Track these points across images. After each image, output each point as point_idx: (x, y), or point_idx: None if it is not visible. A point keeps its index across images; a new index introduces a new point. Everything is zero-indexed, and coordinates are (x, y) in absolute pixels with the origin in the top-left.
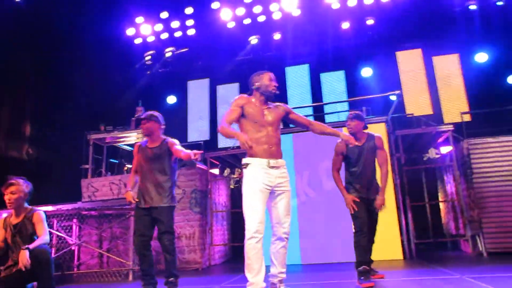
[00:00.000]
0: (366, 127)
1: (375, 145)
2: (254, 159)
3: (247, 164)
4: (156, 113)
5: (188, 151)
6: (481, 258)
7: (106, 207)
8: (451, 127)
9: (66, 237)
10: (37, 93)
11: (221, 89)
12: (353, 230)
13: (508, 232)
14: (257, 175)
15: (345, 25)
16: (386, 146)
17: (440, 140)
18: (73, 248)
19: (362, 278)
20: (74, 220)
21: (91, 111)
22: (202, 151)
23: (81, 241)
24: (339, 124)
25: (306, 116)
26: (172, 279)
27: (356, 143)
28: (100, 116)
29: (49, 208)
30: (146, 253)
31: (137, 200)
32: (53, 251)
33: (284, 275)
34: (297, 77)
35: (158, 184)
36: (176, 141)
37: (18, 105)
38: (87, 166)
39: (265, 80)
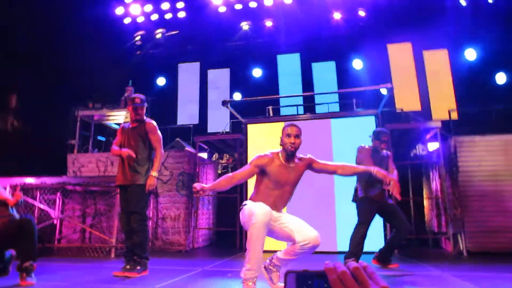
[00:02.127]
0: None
1: (388, 157)
2: (253, 202)
3: (245, 204)
4: (144, 97)
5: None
6: (461, 256)
7: (92, 184)
8: (439, 124)
9: (49, 210)
10: (26, 66)
11: (212, 74)
12: (357, 222)
13: (488, 232)
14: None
15: (337, 15)
16: None
17: (427, 136)
18: (55, 221)
19: None
20: (58, 194)
21: (80, 87)
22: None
23: (64, 215)
24: (329, 115)
25: (296, 106)
26: (135, 257)
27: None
28: (88, 93)
29: (33, 180)
30: (130, 229)
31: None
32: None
33: None
34: (289, 65)
35: (134, 162)
36: (153, 125)
37: (5, 76)
38: (73, 142)
39: (283, 135)
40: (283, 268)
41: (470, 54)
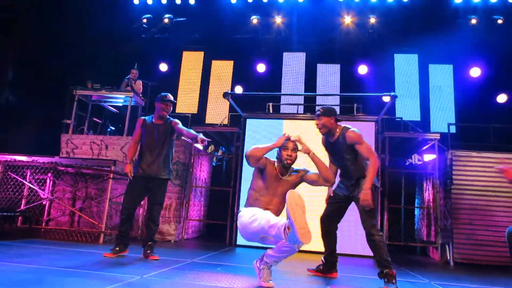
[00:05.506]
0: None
1: (345, 141)
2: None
3: (239, 212)
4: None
5: (193, 131)
6: (448, 266)
7: (85, 166)
8: (437, 136)
9: (39, 190)
10: (25, 40)
11: (216, 65)
12: None
13: (476, 245)
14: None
15: (348, 19)
16: (372, 145)
17: (424, 147)
18: (44, 202)
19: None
20: (49, 174)
21: (80, 65)
22: (209, 140)
23: (54, 197)
24: None
25: (297, 105)
26: (150, 243)
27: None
28: (88, 72)
29: (24, 158)
30: (130, 218)
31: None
32: (23, 203)
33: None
34: (294, 64)
35: (159, 157)
36: (178, 121)
37: (1, 49)
38: (69, 121)
39: (281, 149)
40: (273, 266)
41: (475, 72)
